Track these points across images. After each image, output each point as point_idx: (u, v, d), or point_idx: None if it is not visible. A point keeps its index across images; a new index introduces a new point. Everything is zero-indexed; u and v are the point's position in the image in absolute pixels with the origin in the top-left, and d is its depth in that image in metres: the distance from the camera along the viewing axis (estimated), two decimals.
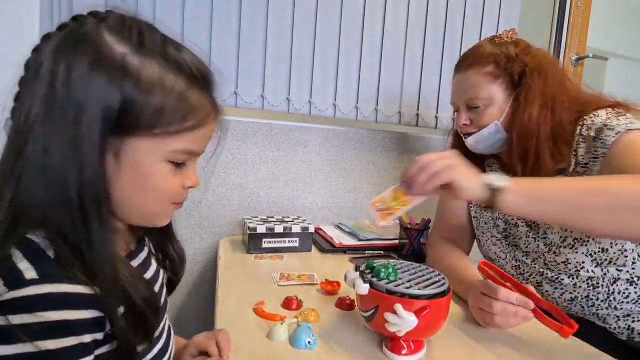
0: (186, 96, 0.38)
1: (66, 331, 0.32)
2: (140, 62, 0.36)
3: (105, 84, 0.34)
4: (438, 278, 0.57)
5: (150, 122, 0.36)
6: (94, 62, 0.34)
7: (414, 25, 1.23)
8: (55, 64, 0.34)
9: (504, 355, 0.57)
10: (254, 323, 0.62)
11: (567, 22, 1.53)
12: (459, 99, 0.83)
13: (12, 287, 0.31)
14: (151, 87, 0.36)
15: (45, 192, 0.34)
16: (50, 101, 0.34)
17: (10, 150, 0.35)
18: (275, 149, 1.19)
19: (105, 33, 0.36)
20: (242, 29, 1.07)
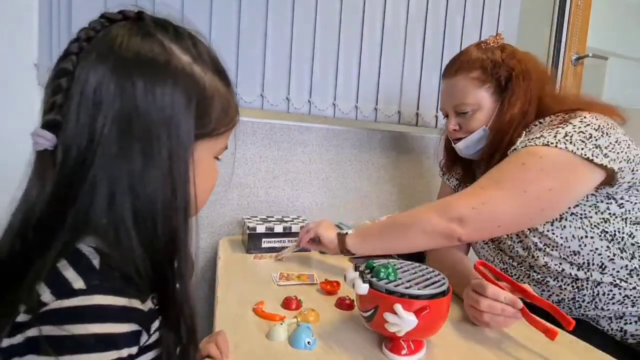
0: (229, 99, 0.41)
1: (110, 345, 0.31)
2: (202, 71, 0.38)
3: (185, 95, 0.35)
4: (438, 278, 0.57)
5: (216, 125, 0.39)
6: (173, 76, 0.35)
7: (413, 24, 1.22)
8: (124, 78, 0.33)
9: (503, 356, 0.57)
10: (254, 323, 0.62)
11: (567, 21, 1.53)
12: (447, 105, 0.85)
13: (61, 297, 0.30)
14: (213, 94, 0.38)
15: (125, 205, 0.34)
16: (128, 116, 0.33)
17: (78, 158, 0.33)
18: (275, 148, 1.19)
19: (170, 43, 0.36)
20: (241, 29, 1.06)
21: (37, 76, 0.95)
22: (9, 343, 0.30)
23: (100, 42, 0.35)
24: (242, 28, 1.06)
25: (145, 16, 0.37)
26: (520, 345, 0.60)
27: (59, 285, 0.31)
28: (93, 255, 0.33)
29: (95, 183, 0.33)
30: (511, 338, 0.62)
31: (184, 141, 0.35)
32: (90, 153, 0.33)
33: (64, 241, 0.33)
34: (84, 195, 0.33)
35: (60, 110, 0.33)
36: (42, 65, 0.95)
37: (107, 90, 0.33)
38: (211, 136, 0.39)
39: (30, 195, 0.34)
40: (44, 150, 0.34)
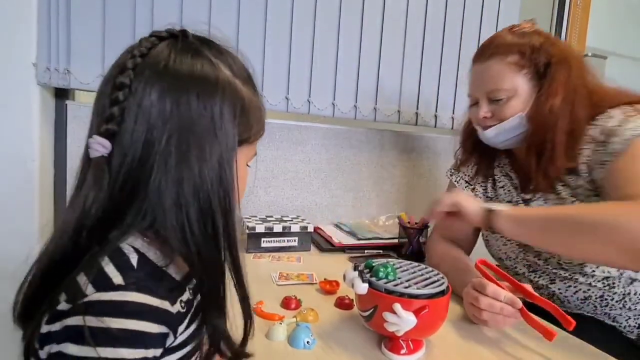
0: (261, 108, 0.44)
1: (141, 342, 0.33)
2: (241, 84, 0.41)
3: (231, 106, 0.39)
4: (437, 278, 0.57)
5: (252, 133, 0.43)
6: (222, 89, 0.38)
7: (413, 24, 1.22)
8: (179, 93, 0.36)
9: (502, 356, 0.57)
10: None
11: (567, 20, 1.53)
12: (479, 91, 0.79)
13: (100, 290, 0.32)
14: (250, 104, 0.41)
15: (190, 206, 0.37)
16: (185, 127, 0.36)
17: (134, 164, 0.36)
18: (274, 148, 1.19)
19: (216, 59, 0.40)
20: (240, 28, 1.06)
21: (35, 75, 0.95)
22: (47, 330, 0.32)
23: (154, 59, 0.38)
24: (241, 28, 1.06)
25: (188, 34, 0.41)
26: (520, 345, 0.60)
27: (100, 278, 0.33)
28: (132, 254, 0.36)
29: (160, 188, 0.36)
30: (511, 337, 0.62)
31: (231, 146, 0.39)
32: (149, 161, 0.36)
33: (114, 238, 0.35)
34: (147, 197, 0.36)
35: (116, 121, 0.36)
36: (41, 64, 0.95)
37: (164, 104, 0.36)
38: (249, 143, 0.43)
39: (85, 198, 0.36)
40: (100, 157, 0.36)
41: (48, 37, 0.94)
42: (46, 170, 1.01)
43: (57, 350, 0.31)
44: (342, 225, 1.19)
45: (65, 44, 0.95)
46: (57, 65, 0.95)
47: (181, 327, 0.37)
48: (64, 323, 0.31)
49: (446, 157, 1.40)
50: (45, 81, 0.95)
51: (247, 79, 0.42)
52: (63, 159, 1.02)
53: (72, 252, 0.35)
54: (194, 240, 0.37)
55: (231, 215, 0.39)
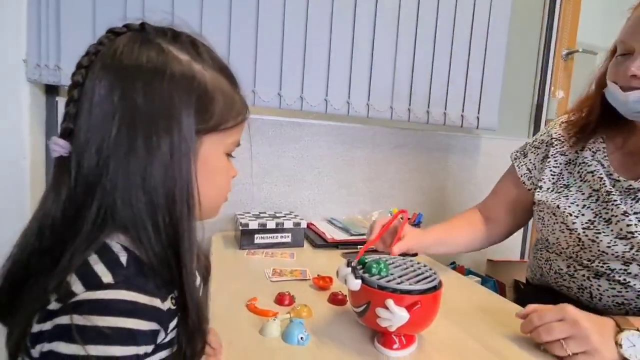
0: (233, 94, 0.43)
1: (131, 340, 0.33)
2: (202, 69, 0.40)
3: (187, 92, 0.38)
4: (429, 273, 0.58)
5: (219, 120, 0.41)
6: (170, 74, 0.37)
7: (405, 20, 1.22)
8: (125, 83, 0.36)
9: (496, 350, 0.58)
10: (247, 319, 0.62)
11: (558, 17, 1.54)
12: (638, 39, 0.65)
13: (90, 289, 0.32)
14: (214, 89, 0.40)
15: (143, 196, 0.36)
16: (132, 117, 0.36)
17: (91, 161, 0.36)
18: (267, 144, 1.19)
19: (168, 45, 0.39)
20: (232, 25, 1.05)
21: (25, 72, 0.94)
22: (39, 329, 0.32)
23: (104, 54, 0.37)
24: (232, 24, 1.05)
25: (147, 26, 0.40)
26: (513, 338, 0.61)
27: (89, 277, 0.33)
28: (121, 252, 0.36)
29: (113, 182, 0.35)
30: (503, 331, 0.63)
31: (185, 135, 0.37)
32: (104, 156, 0.35)
33: (89, 236, 0.35)
34: (104, 194, 0.35)
35: (72, 119, 0.36)
36: (31, 61, 0.94)
37: (112, 96, 0.36)
38: (217, 131, 0.41)
39: (47, 200, 0.37)
40: (60, 157, 0.37)
41: (38, 33, 0.93)
42: (38, 168, 1.00)
43: (49, 349, 0.31)
44: (335, 221, 1.20)
45: (56, 40, 0.93)
46: (47, 61, 0.93)
47: (172, 323, 0.37)
48: (55, 322, 0.32)
49: (439, 152, 1.42)
50: (35, 78, 0.94)
51: (213, 65, 0.41)
52: None
53: (38, 252, 0.36)
54: (146, 237, 0.36)
55: (181, 208, 0.37)
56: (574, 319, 0.55)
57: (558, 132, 0.85)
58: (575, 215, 0.74)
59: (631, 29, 0.67)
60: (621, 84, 0.67)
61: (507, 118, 1.46)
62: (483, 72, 1.34)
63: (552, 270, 0.81)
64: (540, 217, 0.82)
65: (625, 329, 0.55)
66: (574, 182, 0.79)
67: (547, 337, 0.56)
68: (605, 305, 0.72)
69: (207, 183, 0.41)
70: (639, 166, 0.71)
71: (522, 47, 1.52)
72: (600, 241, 0.69)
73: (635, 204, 0.68)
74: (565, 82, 1.61)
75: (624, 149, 0.75)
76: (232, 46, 1.06)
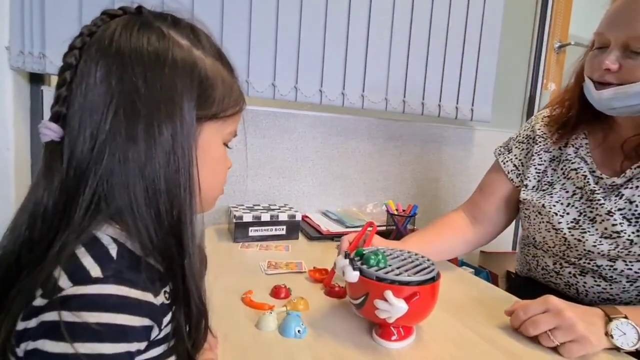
0: (232, 82, 0.42)
1: (122, 337, 0.31)
2: (202, 54, 0.39)
3: (184, 76, 0.36)
4: (427, 264, 0.57)
5: (219, 108, 0.40)
6: (172, 59, 0.36)
7: (400, 11, 1.21)
8: (124, 67, 0.34)
9: (492, 340, 0.58)
10: (243, 313, 0.61)
11: (551, 9, 1.54)
12: (614, 32, 0.62)
13: (77, 283, 0.31)
14: (214, 76, 0.39)
15: (141, 182, 0.35)
16: (132, 102, 0.34)
17: (85, 146, 0.34)
18: (261, 136, 1.17)
19: (168, 29, 0.37)
20: (225, 15, 1.03)
21: (8, 59, 0.90)
22: (23, 326, 0.31)
23: (100, 36, 0.36)
24: (225, 14, 1.03)
25: (144, 10, 0.39)
26: (505, 329, 0.61)
27: (76, 271, 0.31)
28: (111, 244, 0.34)
29: (109, 167, 0.34)
30: (499, 322, 0.63)
31: (186, 120, 0.36)
32: (99, 141, 0.34)
33: (80, 226, 0.33)
34: (99, 180, 0.34)
35: (64, 102, 0.35)
36: (14, 48, 0.90)
37: (109, 80, 0.34)
38: (217, 118, 0.40)
39: (38, 188, 0.35)
40: (51, 142, 0.35)
41: (21, 18, 0.89)
42: (22, 159, 0.97)
43: (33, 348, 0.30)
44: (330, 213, 1.19)
45: (40, 26, 0.90)
46: (31, 49, 0.90)
47: (165, 318, 0.35)
48: (40, 319, 0.30)
49: (433, 144, 1.41)
50: (18, 65, 0.90)
51: (213, 52, 0.40)
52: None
53: (28, 243, 0.34)
54: (143, 224, 0.35)
55: (184, 195, 0.36)
56: (558, 309, 0.55)
57: (541, 128, 0.84)
58: (560, 214, 0.74)
59: (607, 21, 0.65)
60: (596, 79, 0.66)
61: (500, 110, 1.46)
62: (477, 64, 1.34)
63: (539, 267, 0.81)
64: (526, 215, 0.82)
65: (614, 317, 0.55)
66: (558, 179, 0.78)
67: (534, 331, 0.56)
68: (591, 300, 0.73)
69: (207, 171, 0.40)
70: (618, 161, 0.71)
71: (515, 40, 1.52)
72: (586, 240, 0.69)
73: (619, 201, 0.68)
74: (558, 75, 1.62)
75: (605, 144, 0.74)
76: (225, 36, 1.04)
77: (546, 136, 0.83)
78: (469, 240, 0.89)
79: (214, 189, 0.44)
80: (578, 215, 0.72)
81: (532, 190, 0.81)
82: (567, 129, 0.77)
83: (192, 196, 0.37)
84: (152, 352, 0.35)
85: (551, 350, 0.55)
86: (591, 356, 0.54)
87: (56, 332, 0.29)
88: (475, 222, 0.90)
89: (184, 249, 0.36)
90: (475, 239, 0.89)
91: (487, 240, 0.91)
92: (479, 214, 0.90)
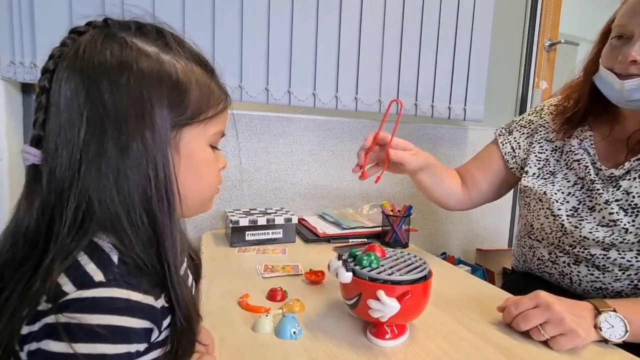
0: (209, 82, 0.41)
1: (123, 338, 0.32)
2: (172, 59, 0.38)
3: (157, 85, 0.36)
4: (419, 263, 0.58)
5: (197, 110, 0.39)
6: (139, 68, 0.35)
7: (391, 13, 1.22)
8: (90, 82, 0.34)
9: (485, 335, 0.59)
10: (239, 316, 0.62)
11: (541, 7, 1.56)
12: (638, 22, 0.62)
13: (81, 288, 0.32)
14: (188, 79, 0.38)
15: (117, 196, 0.35)
16: (100, 117, 0.34)
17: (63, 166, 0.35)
18: (256, 140, 1.18)
19: (132, 38, 0.37)
20: (216, 20, 1.04)
21: None
22: (28, 330, 0.32)
23: (69, 55, 0.36)
24: (217, 19, 1.04)
25: (111, 22, 0.38)
26: (500, 326, 0.62)
27: (80, 277, 0.32)
28: (112, 250, 0.35)
29: (86, 184, 0.34)
30: (493, 318, 0.64)
31: (159, 130, 0.36)
32: (74, 159, 0.34)
33: (66, 244, 0.34)
34: (79, 197, 0.34)
35: (43, 126, 0.35)
36: (4, 58, 0.91)
37: (78, 98, 0.34)
38: (197, 122, 0.40)
39: (19, 210, 0.36)
40: (33, 165, 0.36)
41: (10, 28, 0.90)
42: (16, 170, 0.97)
43: (37, 348, 0.31)
44: (326, 216, 1.20)
45: (30, 35, 0.90)
46: (22, 58, 0.91)
47: (165, 321, 0.36)
48: (43, 322, 0.31)
49: (427, 145, 1.42)
50: (10, 76, 0.91)
51: (185, 54, 0.40)
52: None
53: (11, 262, 0.35)
54: (126, 236, 0.35)
55: (161, 206, 0.36)
56: (547, 303, 0.56)
57: (545, 117, 0.86)
58: (560, 202, 0.76)
59: (630, 12, 0.64)
60: (618, 70, 0.65)
61: (493, 109, 1.48)
62: (469, 64, 1.35)
63: (535, 257, 0.83)
64: (526, 202, 0.84)
65: (602, 311, 0.56)
66: (560, 169, 0.80)
67: (525, 326, 0.57)
68: (584, 290, 0.74)
69: (193, 177, 0.40)
70: (622, 154, 0.73)
71: (506, 40, 1.53)
72: (583, 228, 0.71)
73: (617, 192, 0.70)
74: (549, 73, 1.64)
75: (610, 137, 0.76)
76: (217, 41, 1.05)
77: (548, 126, 0.85)
78: (457, 194, 0.92)
79: (203, 192, 0.44)
80: (577, 204, 0.74)
81: (533, 177, 0.82)
82: (572, 123, 0.79)
83: (170, 204, 0.37)
84: (150, 355, 0.35)
85: (542, 344, 0.56)
86: (580, 349, 0.55)
87: (59, 333, 0.30)
88: (464, 184, 0.93)
89: (165, 260, 0.36)
90: (461, 196, 0.93)
91: (469, 205, 0.94)
92: (469, 179, 0.93)
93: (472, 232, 1.57)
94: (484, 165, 0.92)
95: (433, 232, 1.49)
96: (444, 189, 0.90)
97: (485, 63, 1.38)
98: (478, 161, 0.95)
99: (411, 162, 0.79)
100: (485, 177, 0.92)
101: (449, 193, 0.91)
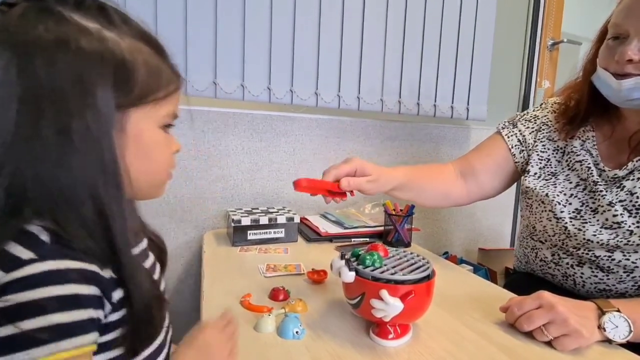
0: (159, 62, 0.39)
1: (75, 304, 0.31)
2: (116, 36, 0.36)
3: (99, 64, 0.34)
4: (422, 263, 0.58)
5: (145, 91, 0.37)
6: (78, 46, 0.33)
7: (394, 11, 1.22)
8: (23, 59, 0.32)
9: (488, 335, 0.59)
10: (241, 316, 0.62)
11: (543, 7, 1.55)
12: (637, 24, 0.62)
13: (10, 270, 0.30)
14: (134, 58, 0.36)
15: (56, 180, 0.33)
16: (35, 96, 0.32)
17: None
18: (258, 139, 1.18)
19: (71, 13, 0.34)
20: (219, 19, 1.04)
21: None
22: None
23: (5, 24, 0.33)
24: (219, 18, 1.04)
25: None
26: (502, 325, 0.62)
27: (8, 262, 0.30)
28: (42, 232, 0.32)
29: (20, 169, 0.32)
30: (496, 318, 0.63)
31: (102, 111, 0.34)
32: (7, 143, 0.32)
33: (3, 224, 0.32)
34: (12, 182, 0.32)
35: None
36: None
37: (9, 76, 0.32)
38: (145, 103, 0.38)
39: None
40: None
41: None
42: None
43: None
44: (329, 215, 1.20)
45: None
46: None
47: (115, 293, 0.34)
48: None
49: (429, 144, 1.42)
50: None
51: (132, 32, 0.37)
52: None
53: None
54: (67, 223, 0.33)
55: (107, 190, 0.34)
56: (550, 304, 0.56)
57: (547, 115, 0.85)
58: (562, 204, 0.75)
59: (625, 12, 0.64)
60: (614, 70, 0.65)
61: (495, 108, 1.47)
62: (471, 63, 1.35)
63: (538, 259, 0.82)
64: (528, 204, 0.83)
65: (606, 311, 0.56)
66: (562, 170, 0.79)
67: (528, 327, 0.57)
68: (588, 291, 0.74)
69: (142, 160, 0.39)
70: (624, 154, 0.72)
71: (508, 39, 1.53)
72: (587, 230, 0.71)
73: (620, 192, 0.69)
74: (551, 72, 1.63)
75: (612, 138, 0.75)
76: (219, 40, 1.05)
77: (551, 124, 0.84)
78: (449, 194, 0.88)
79: (153, 176, 0.42)
80: (580, 206, 0.74)
81: (534, 177, 0.81)
82: (574, 124, 0.78)
83: (117, 187, 0.35)
84: (105, 337, 0.34)
85: (545, 345, 0.56)
86: (584, 349, 0.55)
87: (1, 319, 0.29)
88: (461, 177, 0.89)
89: (116, 244, 0.34)
90: (455, 193, 0.88)
91: (466, 201, 0.90)
92: (467, 169, 0.88)
93: (475, 231, 1.57)
94: (484, 153, 0.89)
95: (435, 232, 1.48)
96: (428, 198, 0.87)
97: (488, 62, 1.38)
98: (477, 150, 0.91)
99: (369, 190, 0.75)
100: (484, 165, 0.87)
101: (435, 197, 0.87)
